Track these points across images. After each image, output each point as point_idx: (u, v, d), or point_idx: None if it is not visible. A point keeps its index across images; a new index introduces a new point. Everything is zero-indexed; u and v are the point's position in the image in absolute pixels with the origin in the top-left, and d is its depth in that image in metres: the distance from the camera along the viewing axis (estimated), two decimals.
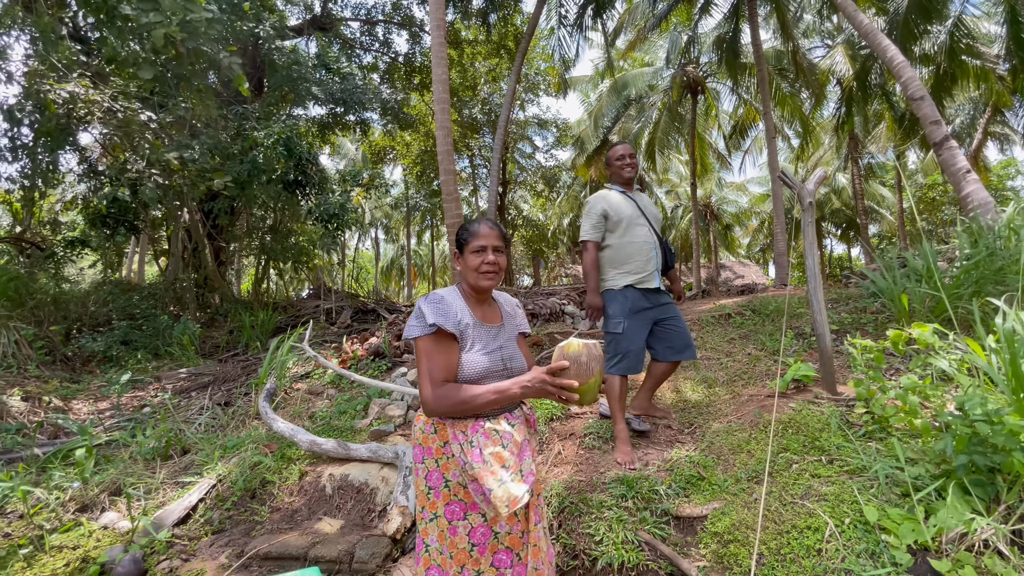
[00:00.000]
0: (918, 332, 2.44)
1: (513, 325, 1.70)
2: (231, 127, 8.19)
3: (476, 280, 1.58)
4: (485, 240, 1.57)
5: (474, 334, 1.55)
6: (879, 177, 23.92)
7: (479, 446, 1.44)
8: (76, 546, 2.82)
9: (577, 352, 1.34)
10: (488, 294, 1.65)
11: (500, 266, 1.59)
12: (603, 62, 15.57)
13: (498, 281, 1.61)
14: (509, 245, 1.74)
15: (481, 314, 1.62)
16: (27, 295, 7.11)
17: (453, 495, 1.49)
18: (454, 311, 1.53)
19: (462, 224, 1.65)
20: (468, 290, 1.64)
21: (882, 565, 1.67)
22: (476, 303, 1.63)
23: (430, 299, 1.56)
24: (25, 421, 4.66)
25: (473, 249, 1.58)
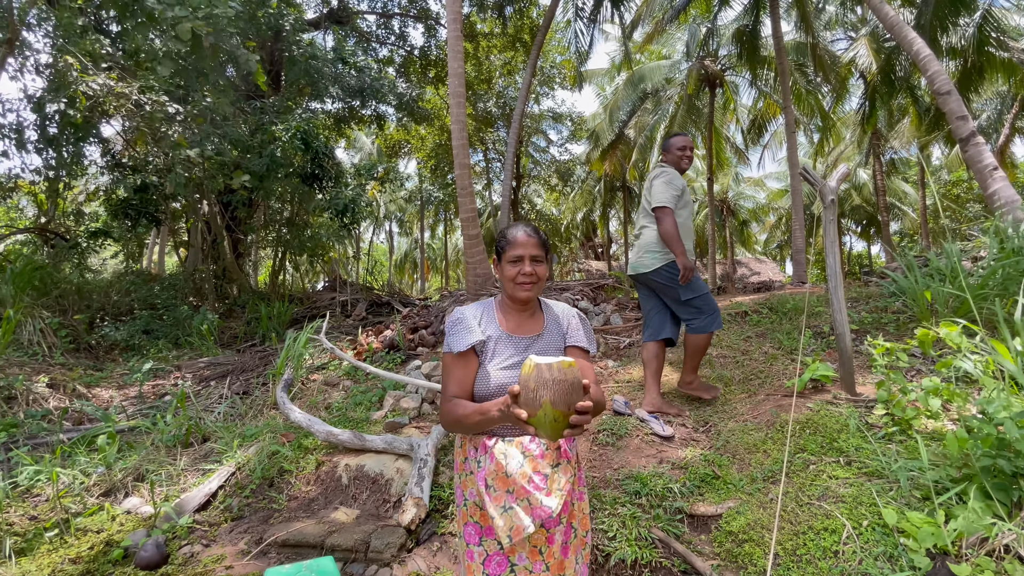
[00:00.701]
0: (945, 332, 2.39)
1: (557, 335, 1.56)
2: (250, 121, 8.28)
3: (513, 291, 1.50)
4: (522, 249, 1.48)
5: (496, 347, 1.48)
6: (902, 173, 23.39)
7: (485, 468, 1.38)
8: (100, 530, 2.90)
9: (525, 376, 1.11)
10: (528, 304, 1.55)
11: (539, 276, 1.49)
12: (619, 55, 15.39)
13: (537, 292, 1.52)
14: (550, 252, 1.59)
15: (515, 325, 1.54)
16: (52, 284, 7.29)
17: (470, 516, 1.43)
18: (472, 328, 1.48)
19: (501, 231, 1.57)
20: (506, 299, 1.57)
21: (900, 568, 1.66)
22: (513, 313, 1.56)
23: (451, 321, 1.52)
24: (50, 407, 4.79)
25: (510, 259, 1.50)
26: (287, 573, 1.59)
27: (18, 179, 8.45)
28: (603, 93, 20.13)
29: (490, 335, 1.49)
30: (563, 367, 1.07)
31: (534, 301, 1.57)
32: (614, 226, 28.10)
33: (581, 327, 1.60)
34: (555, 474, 1.34)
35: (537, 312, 1.60)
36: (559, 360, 1.08)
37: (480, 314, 1.54)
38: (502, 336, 1.50)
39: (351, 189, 9.00)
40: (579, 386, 1.08)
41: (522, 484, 1.31)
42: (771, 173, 28.93)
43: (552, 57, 16.72)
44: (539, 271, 1.50)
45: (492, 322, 1.53)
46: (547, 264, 1.54)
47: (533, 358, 1.11)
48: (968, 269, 4.14)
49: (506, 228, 1.57)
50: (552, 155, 20.50)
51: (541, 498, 1.29)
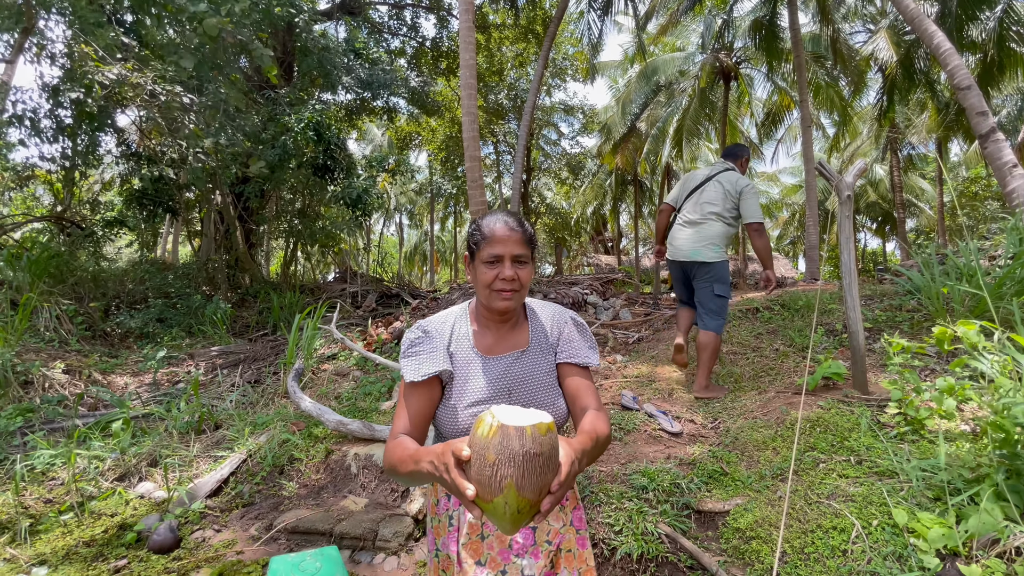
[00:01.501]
0: (963, 330, 2.35)
1: (546, 352, 1.24)
2: (263, 112, 8.32)
3: (488, 300, 1.17)
4: (502, 247, 1.14)
5: (467, 373, 1.18)
6: (919, 169, 22.97)
7: (458, 527, 1.14)
8: (114, 513, 2.96)
9: (482, 441, 0.78)
10: (509, 316, 1.23)
11: (521, 282, 1.16)
12: (633, 47, 15.25)
13: (519, 301, 1.18)
14: (536, 249, 1.24)
15: (492, 341, 1.23)
16: (68, 272, 7.41)
17: (442, 570, 1.19)
18: (434, 350, 1.18)
19: (473, 222, 1.25)
20: (481, 308, 1.24)
21: (909, 569, 1.64)
22: (491, 325, 1.25)
23: (408, 339, 1.21)
24: (66, 393, 4.89)
25: (486, 259, 1.15)
26: (292, 561, 1.61)
27: (35, 168, 8.57)
28: (615, 85, 19.97)
29: (457, 358, 1.20)
30: (539, 433, 0.76)
31: (516, 311, 1.25)
32: (624, 220, 27.94)
33: (578, 335, 1.27)
34: (542, 522, 1.12)
35: (521, 321, 1.28)
36: (535, 422, 0.77)
37: (449, 328, 1.24)
38: (473, 358, 1.20)
39: (362, 180, 9.03)
40: (556, 460, 0.79)
41: (500, 550, 1.11)
42: (785, 168, 28.61)
43: (564, 49, 16.58)
44: (522, 275, 1.16)
45: (463, 339, 1.23)
46: (532, 264, 1.21)
47: (497, 414, 0.78)
48: (985, 268, 4.07)
49: (481, 218, 1.22)
50: (563, 148, 20.39)
51: (522, 564, 1.09)
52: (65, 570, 2.49)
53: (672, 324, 5.23)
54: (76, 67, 6.45)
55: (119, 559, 2.54)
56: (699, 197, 3.31)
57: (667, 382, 3.61)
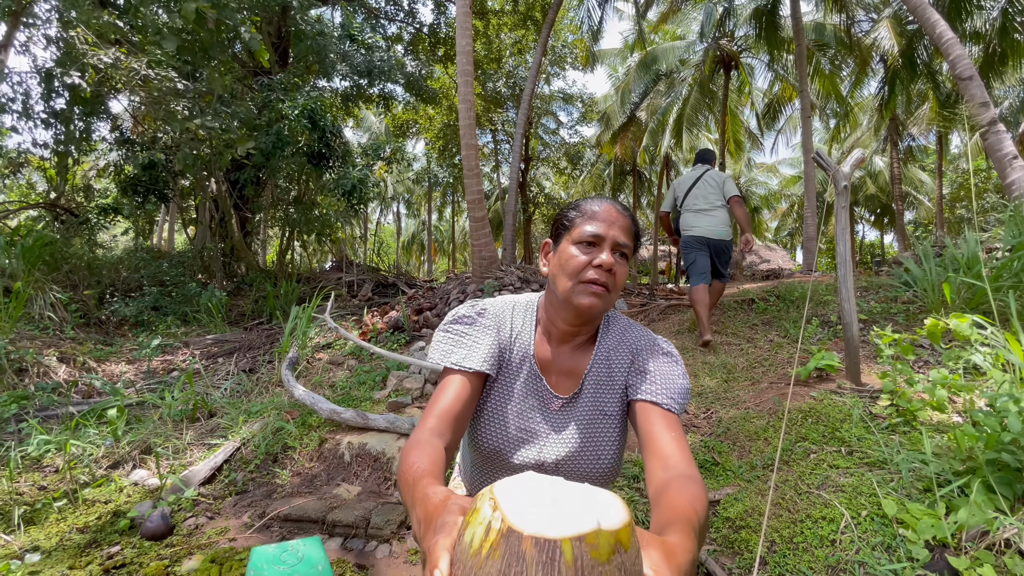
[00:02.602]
0: (955, 323, 2.35)
1: (604, 394, 0.97)
2: (257, 98, 8.22)
3: (570, 292, 0.91)
4: (605, 227, 0.91)
5: (518, 387, 0.96)
6: (919, 161, 22.91)
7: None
8: (108, 500, 2.96)
9: (473, 563, 0.40)
10: (584, 324, 0.96)
11: (618, 279, 0.92)
12: (633, 35, 15.10)
13: (607, 304, 0.92)
14: (639, 247, 1.00)
15: (549, 359, 0.98)
16: (62, 260, 7.37)
17: None
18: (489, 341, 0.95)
19: (571, 203, 1.01)
20: (551, 308, 0.99)
21: (898, 559, 1.65)
22: (556, 334, 0.98)
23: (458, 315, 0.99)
24: (61, 380, 4.88)
25: (580, 238, 0.92)
26: (272, 553, 1.59)
27: (28, 153, 8.48)
28: (615, 74, 19.78)
29: (511, 359, 0.97)
30: (594, 555, 0.38)
31: (597, 321, 0.98)
32: None
33: (666, 368, 0.94)
34: None
35: (591, 341, 1.00)
36: (586, 530, 0.38)
37: (519, 326, 0.99)
38: (526, 370, 0.97)
39: (358, 169, 8.96)
40: None
41: None
42: (784, 159, 28.49)
43: (564, 36, 16.40)
44: (619, 273, 0.93)
45: (524, 337, 0.98)
46: (628, 269, 0.96)
47: (505, 498, 0.41)
48: (982, 260, 4.06)
49: (579, 199, 1.00)
50: (562, 137, 20.24)
51: None
52: (59, 556, 2.50)
53: (668, 315, 5.23)
54: (68, 49, 6.35)
55: (112, 545, 2.55)
56: (698, 192, 4.17)
57: None
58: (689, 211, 4.16)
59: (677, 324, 4.70)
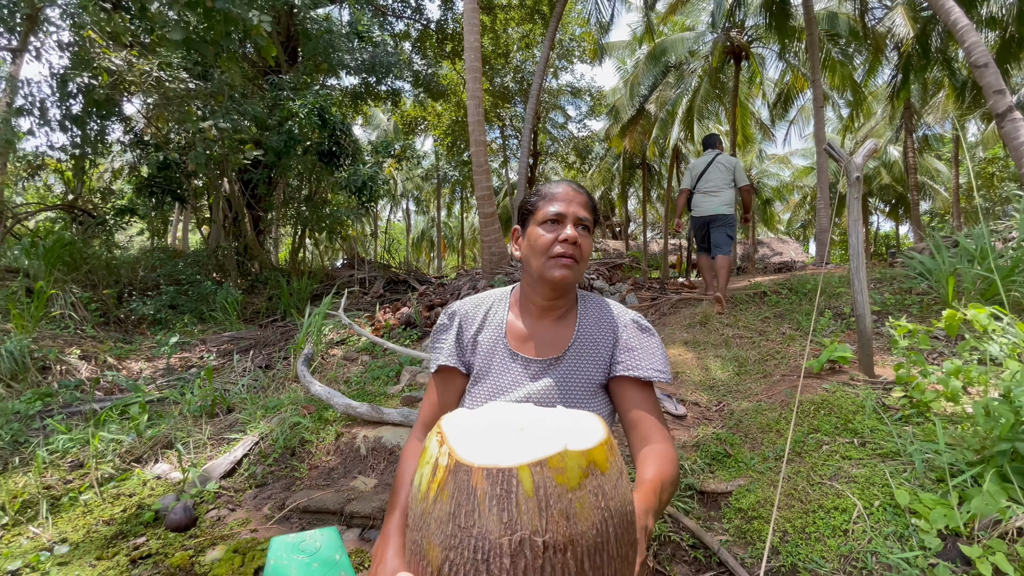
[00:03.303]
0: (973, 314, 2.33)
1: (588, 360, 1.03)
2: (267, 97, 8.30)
3: (543, 268, 1.00)
4: (564, 205, 1.00)
5: (487, 365, 1.03)
6: (935, 150, 22.50)
7: None
8: (132, 493, 3.05)
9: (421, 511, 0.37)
10: (560, 295, 1.05)
11: (583, 251, 1.01)
12: (641, 27, 14.97)
13: (578, 274, 1.01)
14: (598, 222, 1.10)
15: (528, 334, 1.05)
16: (81, 260, 7.52)
17: None
18: (467, 332, 1.06)
19: (532, 190, 1.10)
20: (527, 288, 1.07)
21: (910, 548, 1.66)
22: (534, 312, 1.07)
23: (441, 324, 1.10)
24: (83, 378, 5.00)
25: (544, 219, 1.01)
26: (291, 543, 1.64)
27: (45, 156, 8.65)
28: (624, 67, 19.65)
29: (482, 348, 1.05)
30: (567, 472, 0.34)
31: (571, 294, 1.08)
32: (632, 205, 27.72)
33: (642, 341, 1.04)
34: None
35: (569, 315, 1.08)
36: (558, 449, 0.35)
37: (483, 312, 1.09)
38: (501, 351, 1.04)
39: (368, 167, 9.02)
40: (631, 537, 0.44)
41: None
42: (797, 150, 28.15)
43: (571, 29, 16.31)
44: (584, 244, 1.01)
45: (496, 327, 1.07)
46: (592, 239, 1.07)
47: (456, 433, 0.38)
48: (999, 250, 4.01)
49: (541, 184, 1.10)
50: (570, 131, 20.17)
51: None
52: (86, 547, 2.58)
53: (679, 308, 5.23)
54: (82, 53, 6.46)
55: (138, 537, 2.63)
56: (709, 176, 4.69)
57: (673, 366, 3.62)
58: (699, 192, 4.76)
59: (688, 318, 4.70)
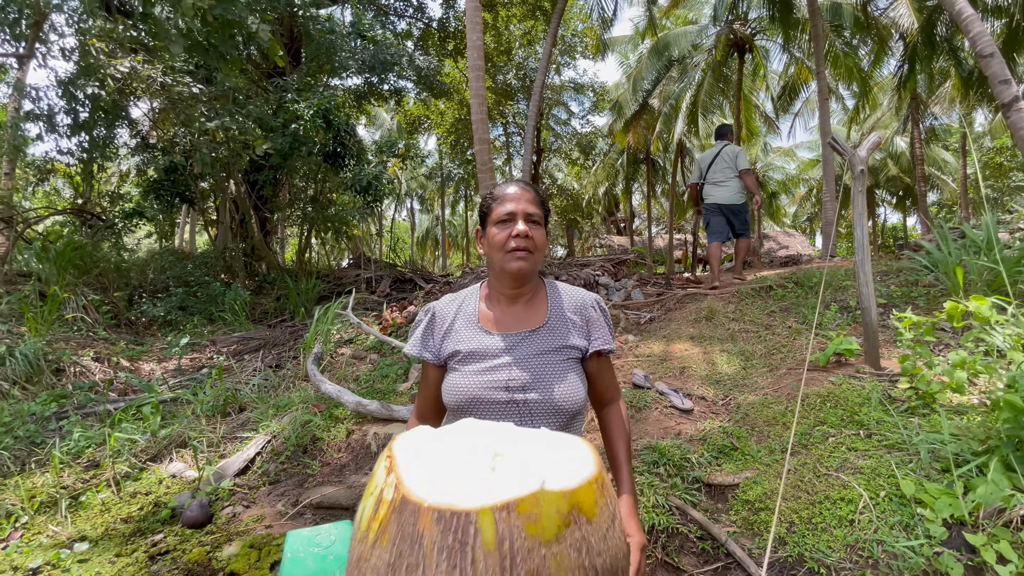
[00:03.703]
0: (975, 305, 2.34)
1: (562, 332, 1.16)
2: (272, 99, 8.36)
3: (502, 263, 1.13)
4: (513, 204, 1.12)
5: (468, 346, 1.14)
6: (942, 140, 22.28)
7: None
8: (148, 492, 3.11)
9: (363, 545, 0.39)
10: (523, 284, 1.18)
11: (536, 242, 1.13)
12: (644, 21, 14.91)
13: (533, 264, 1.14)
14: (548, 215, 1.22)
15: (499, 315, 1.18)
16: (91, 264, 7.61)
17: None
18: (429, 331, 1.19)
19: (486, 192, 1.24)
20: (494, 281, 1.22)
21: (915, 537, 1.68)
22: (503, 300, 1.20)
23: (418, 319, 1.24)
24: (96, 379, 5.08)
25: (498, 219, 1.14)
26: (308, 535, 1.67)
27: (54, 161, 8.75)
28: (626, 61, 19.55)
29: (459, 335, 1.17)
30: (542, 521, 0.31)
31: (532, 280, 1.20)
32: (637, 200, 27.65)
33: (603, 320, 1.22)
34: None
35: (538, 297, 1.22)
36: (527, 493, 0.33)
37: (456, 307, 1.22)
38: (477, 333, 1.16)
39: (373, 167, 9.06)
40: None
41: None
42: (802, 142, 27.97)
43: (573, 25, 16.26)
44: (536, 236, 1.13)
45: (468, 316, 1.19)
46: (545, 230, 1.19)
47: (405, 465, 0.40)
48: (1005, 241, 4.00)
49: (491, 189, 1.23)
50: (573, 128, 20.13)
51: None
52: (105, 545, 2.64)
53: (685, 303, 5.24)
54: (87, 61, 6.53)
55: (155, 534, 2.69)
56: (717, 167, 5.18)
57: (679, 360, 3.64)
58: (709, 183, 5.25)
59: (694, 313, 4.71)
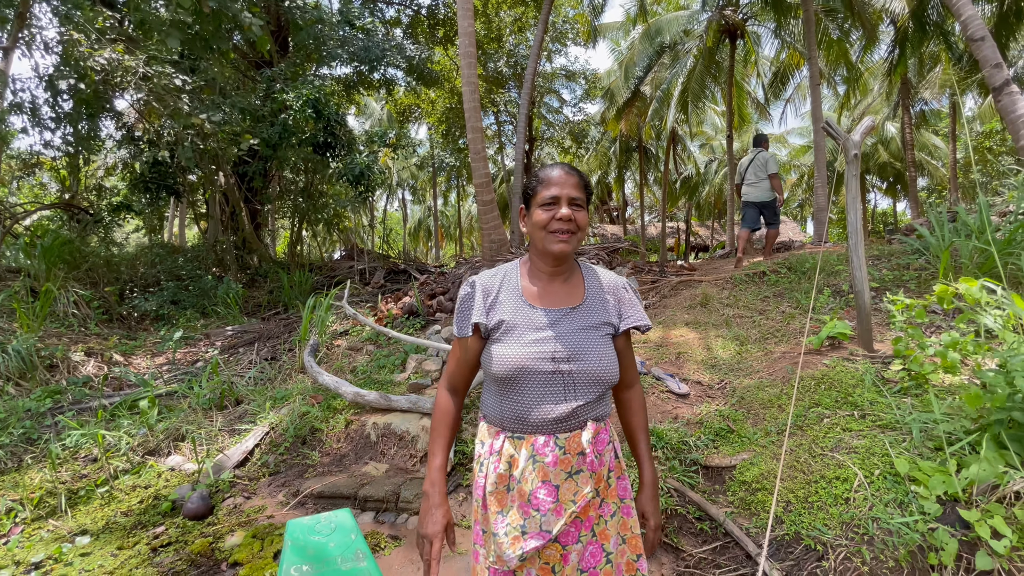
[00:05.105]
0: (965, 287, 2.38)
1: (602, 311, 1.24)
2: (259, 89, 8.23)
3: (544, 243, 1.20)
4: (558, 188, 1.18)
5: (513, 319, 1.20)
6: (932, 125, 22.37)
7: (487, 474, 1.19)
8: (148, 485, 3.11)
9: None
10: (563, 263, 1.25)
11: (579, 224, 1.20)
12: (635, 7, 14.80)
13: (575, 245, 1.21)
14: (591, 198, 1.29)
15: (542, 291, 1.24)
16: (81, 258, 7.52)
17: (479, 514, 1.23)
18: (475, 305, 1.23)
19: (532, 173, 1.29)
20: (535, 258, 1.27)
21: (910, 514, 1.72)
22: (543, 277, 1.26)
23: (459, 296, 1.28)
24: (90, 375, 5.04)
25: (542, 202, 1.20)
26: (307, 525, 1.68)
27: (40, 155, 8.59)
28: (618, 48, 19.43)
29: (503, 307, 1.22)
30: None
31: (570, 260, 1.28)
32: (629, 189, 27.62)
33: (636, 299, 1.31)
34: (568, 483, 1.13)
35: (575, 277, 1.29)
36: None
37: (498, 282, 1.27)
38: (521, 306, 1.21)
39: (364, 157, 8.97)
40: None
41: (520, 503, 1.14)
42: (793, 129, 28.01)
43: (564, 11, 16.10)
44: (579, 218, 1.20)
45: (512, 289, 1.25)
46: (587, 213, 1.25)
47: None
48: (996, 224, 4.05)
49: (538, 169, 1.28)
50: (566, 116, 20.01)
51: (540, 519, 1.11)
52: (106, 538, 2.64)
53: (679, 290, 5.29)
54: (68, 52, 6.39)
55: (156, 526, 2.69)
56: (751, 171, 6.16)
57: (675, 346, 3.67)
58: (747, 184, 6.22)
59: (689, 299, 4.74)
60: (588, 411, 1.16)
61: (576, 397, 1.14)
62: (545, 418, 1.13)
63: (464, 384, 1.31)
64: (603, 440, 1.20)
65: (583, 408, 1.15)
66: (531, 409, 1.14)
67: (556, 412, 1.13)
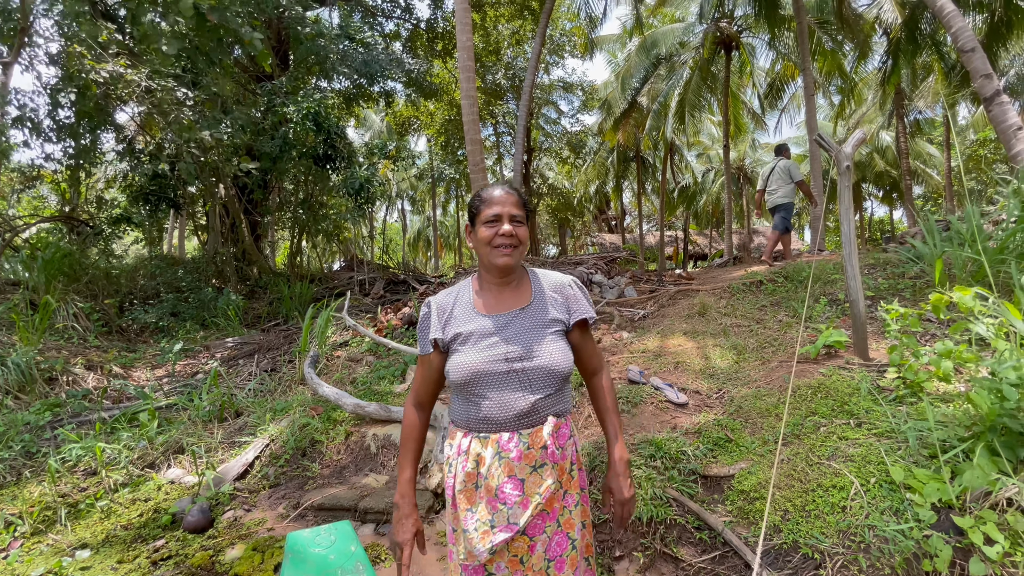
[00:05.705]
0: (958, 296, 2.41)
1: (548, 309, 1.33)
2: (260, 102, 8.31)
3: (490, 257, 1.29)
4: (499, 207, 1.28)
5: (467, 329, 1.29)
6: (926, 134, 22.58)
7: (456, 474, 1.25)
8: (148, 498, 3.11)
9: None
10: (509, 275, 1.34)
11: (520, 238, 1.29)
12: (631, 19, 14.98)
13: (518, 258, 1.31)
14: (532, 214, 1.38)
15: (493, 301, 1.33)
16: (81, 271, 7.54)
17: (450, 515, 1.29)
18: (432, 324, 1.33)
19: (474, 193, 1.37)
20: (483, 272, 1.37)
21: (905, 521, 1.73)
22: (493, 288, 1.35)
23: (422, 314, 1.38)
24: (90, 387, 5.04)
25: (485, 219, 1.29)
26: (307, 537, 1.69)
27: (40, 168, 8.65)
28: (615, 60, 19.64)
29: (458, 320, 1.31)
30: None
31: (517, 270, 1.37)
32: (627, 198, 27.78)
33: (580, 294, 1.40)
34: (533, 477, 1.20)
35: (523, 283, 1.38)
36: None
37: (452, 300, 1.36)
38: (474, 316, 1.30)
39: (364, 169, 9.04)
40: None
41: (488, 499, 1.19)
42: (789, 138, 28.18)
43: (562, 24, 16.31)
44: (520, 233, 1.29)
45: (465, 303, 1.34)
46: (527, 228, 1.35)
47: None
48: (989, 232, 4.09)
49: (480, 189, 1.38)
50: (563, 127, 20.18)
51: (507, 512, 1.18)
52: (106, 552, 2.64)
53: (677, 300, 5.32)
54: (70, 67, 6.46)
55: (157, 540, 2.69)
56: (773, 178, 6.76)
57: (673, 356, 3.69)
58: (769, 189, 6.83)
59: (687, 309, 4.77)
60: (548, 405, 1.25)
61: (534, 391, 1.23)
62: (507, 415, 1.21)
63: (429, 399, 1.39)
64: (564, 435, 1.29)
65: (542, 402, 1.23)
66: (493, 408, 1.21)
67: (517, 408, 1.21)
